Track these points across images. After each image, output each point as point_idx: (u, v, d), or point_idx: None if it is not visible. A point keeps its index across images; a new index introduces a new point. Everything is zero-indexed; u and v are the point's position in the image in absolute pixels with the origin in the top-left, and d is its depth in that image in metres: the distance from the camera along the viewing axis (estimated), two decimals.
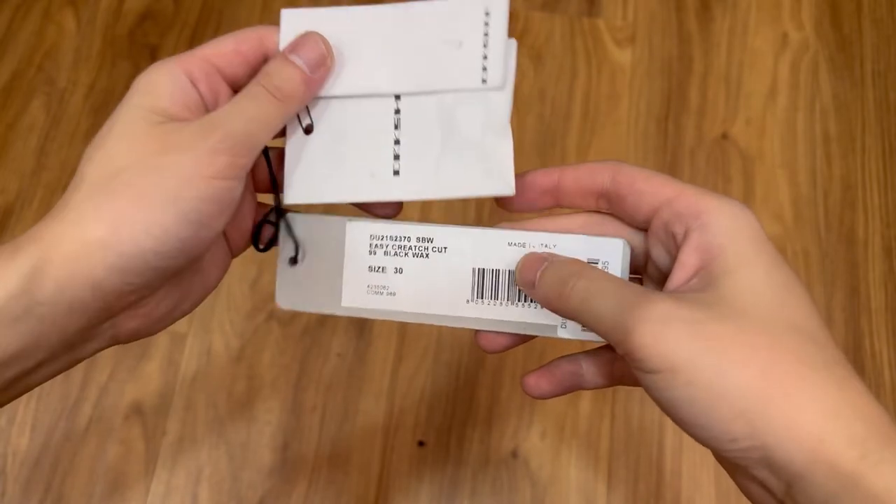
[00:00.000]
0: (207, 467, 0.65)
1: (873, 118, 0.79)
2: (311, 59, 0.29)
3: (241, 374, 0.68)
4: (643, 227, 0.30)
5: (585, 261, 0.30)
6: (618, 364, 0.32)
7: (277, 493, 0.65)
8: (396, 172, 0.31)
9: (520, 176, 0.31)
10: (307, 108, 0.31)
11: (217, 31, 0.81)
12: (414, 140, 0.31)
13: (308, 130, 0.31)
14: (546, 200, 0.31)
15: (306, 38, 0.30)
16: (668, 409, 0.25)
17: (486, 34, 0.30)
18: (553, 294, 0.28)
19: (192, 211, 0.26)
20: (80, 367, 0.68)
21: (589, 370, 0.32)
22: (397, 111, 0.31)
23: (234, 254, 0.33)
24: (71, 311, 0.26)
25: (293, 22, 0.31)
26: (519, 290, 0.31)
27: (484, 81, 0.30)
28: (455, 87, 0.30)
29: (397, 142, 0.31)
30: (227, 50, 0.30)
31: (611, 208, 0.30)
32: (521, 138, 0.76)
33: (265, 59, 0.30)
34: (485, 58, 0.30)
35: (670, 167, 0.76)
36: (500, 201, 0.32)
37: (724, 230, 0.26)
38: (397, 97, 0.31)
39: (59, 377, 0.69)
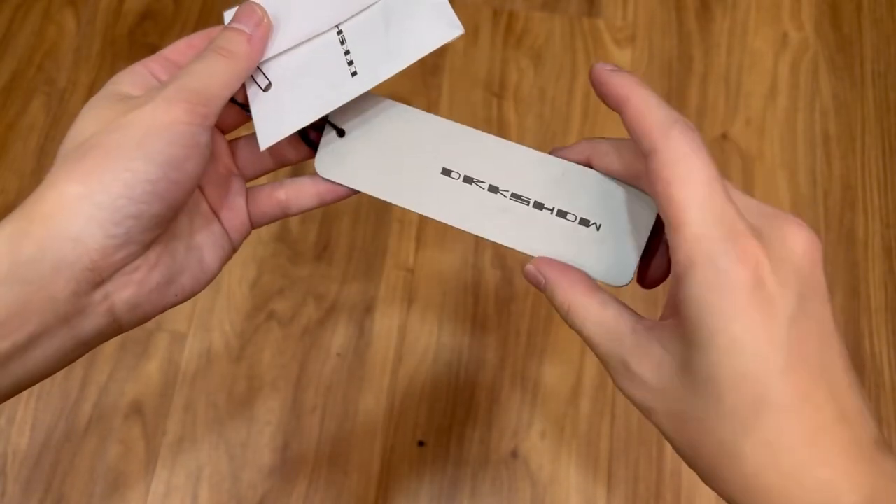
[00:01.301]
0: (207, 467, 0.65)
1: (873, 118, 0.79)
2: (250, 21, 0.32)
3: (241, 374, 0.68)
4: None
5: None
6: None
7: (277, 492, 0.65)
8: (354, 74, 0.32)
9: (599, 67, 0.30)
10: (261, 70, 0.33)
11: None
12: (360, 42, 0.32)
13: (266, 89, 0.33)
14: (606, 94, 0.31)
15: (242, 6, 0.32)
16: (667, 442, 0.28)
17: None
18: (617, 84, 0.29)
19: (158, 153, 0.27)
20: (80, 366, 0.68)
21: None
22: (339, 32, 0.33)
23: (233, 244, 0.34)
24: (55, 271, 0.26)
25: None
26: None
27: None
28: None
29: (347, 52, 0.32)
30: (180, 46, 0.33)
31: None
32: (521, 138, 0.76)
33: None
34: None
35: None
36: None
37: (698, 296, 0.25)
38: (338, 30, 0.33)
39: (59, 376, 0.70)
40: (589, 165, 0.32)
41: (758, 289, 0.24)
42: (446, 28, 0.31)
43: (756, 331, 0.23)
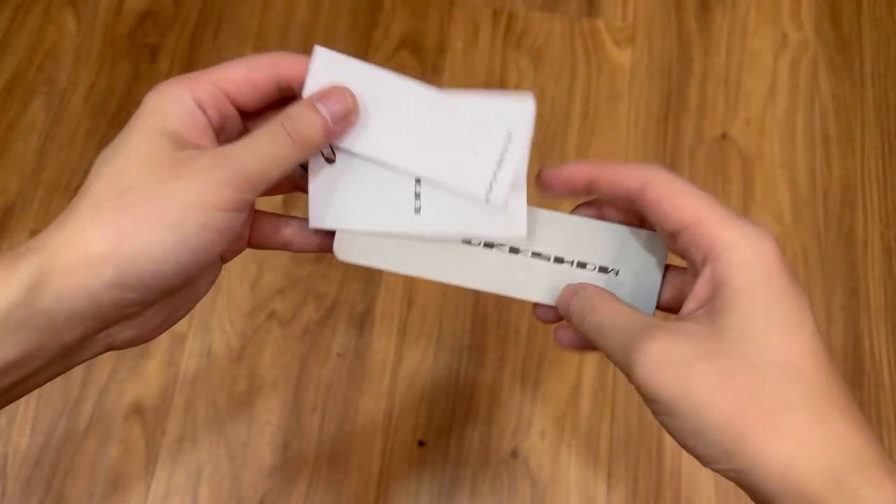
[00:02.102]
0: (208, 467, 0.65)
1: (873, 118, 0.79)
2: (336, 112, 0.30)
3: (241, 374, 0.68)
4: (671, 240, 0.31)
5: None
6: None
7: (278, 492, 0.65)
8: (418, 210, 0.32)
9: (558, 168, 0.33)
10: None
11: (217, 32, 0.82)
12: (434, 192, 0.32)
13: (329, 160, 0.31)
14: (580, 191, 0.33)
15: (336, 90, 0.30)
16: (667, 430, 0.28)
17: (502, 155, 0.32)
18: (576, 326, 0.31)
19: (193, 237, 0.27)
20: (81, 366, 0.68)
21: None
22: (417, 181, 0.32)
23: (225, 261, 0.33)
24: (69, 321, 0.26)
25: (325, 62, 0.31)
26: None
27: (487, 200, 0.32)
28: (464, 190, 0.32)
29: (417, 193, 0.32)
30: (237, 76, 0.30)
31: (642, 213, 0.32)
32: None
33: (277, 88, 0.30)
34: (495, 177, 0.32)
35: (670, 167, 0.76)
36: (538, 180, 0.33)
37: (734, 263, 0.27)
38: (417, 181, 0.32)
39: (59, 377, 0.70)
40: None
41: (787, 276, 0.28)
42: (511, 229, 0.33)
43: (791, 301, 0.27)
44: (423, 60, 0.80)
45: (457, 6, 0.83)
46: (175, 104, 0.28)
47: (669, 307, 0.33)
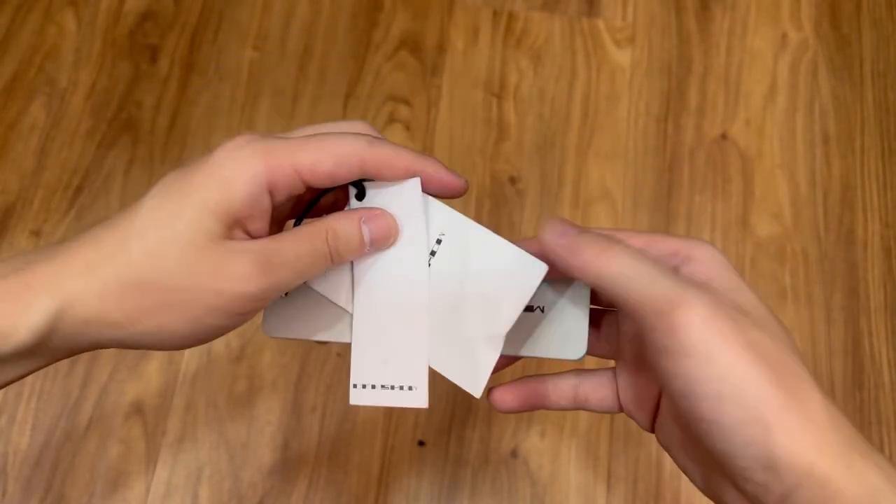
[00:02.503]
0: (208, 467, 0.65)
1: (872, 118, 0.79)
2: (378, 240, 0.30)
3: (241, 374, 0.68)
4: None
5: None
6: (581, 389, 0.33)
7: (278, 492, 0.65)
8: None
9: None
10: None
11: (217, 32, 0.82)
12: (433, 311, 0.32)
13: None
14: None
15: (384, 215, 0.30)
16: (686, 399, 0.25)
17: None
18: (592, 251, 0.27)
19: (207, 332, 0.28)
20: (81, 365, 0.68)
21: (554, 391, 0.34)
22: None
23: None
24: (70, 355, 0.28)
25: (410, 195, 0.31)
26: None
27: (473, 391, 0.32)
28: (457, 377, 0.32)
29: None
30: (322, 172, 0.28)
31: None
32: (521, 138, 0.76)
33: (359, 176, 0.29)
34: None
35: (669, 167, 0.77)
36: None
37: (708, 261, 0.28)
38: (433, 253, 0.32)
39: (59, 375, 0.69)
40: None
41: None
42: (472, 384, 0.32)
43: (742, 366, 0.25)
44: (423, 60, 0.80)
45: (457, 6, 0.83)
46: (247, 185, 0.27)
47: (602, 352, 0.34)
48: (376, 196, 0.31)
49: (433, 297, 0.31)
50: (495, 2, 0.83)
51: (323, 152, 0.28)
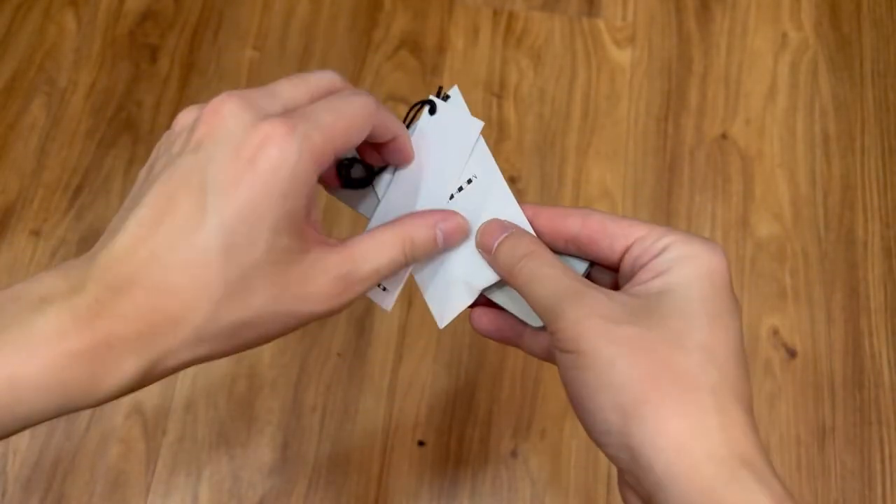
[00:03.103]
0: (208, 467, 0.65)
1: (873, 118, 0.79)
2: (450, 242, 0.32)
3: (241, 374, 0.68)
4: (615, 269, 0.31)
5: None
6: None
7: (277, 492, 0.65)
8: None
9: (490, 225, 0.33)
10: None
11: (217, 32, 0.82)
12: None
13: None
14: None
15: (459, 221, 0.32)
16: (567, 388, 0.28)
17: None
18: (505, 267, 0.31)
19: (286, 333, 0.29)
20: None
21: (530, 337, 0.35)
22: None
23: None
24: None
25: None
26: None
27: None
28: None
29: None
30: (353, 144, 0.29)
31: (580, 252, 0.32)
32: (521, 138, 0.76)
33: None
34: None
35: (669, 167, 0.77)
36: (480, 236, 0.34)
37: (680, 257, 0.28)
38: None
39: None
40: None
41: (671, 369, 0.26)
42: (438, 315, 0.35)
43: (726, 300, 0.28)
44: (423, 60, 0.80)
45: (457, 6, 0.83)
46: (303, 184, 0.26)
47: None
48: (443, 117, 0.34)
49: None
50: (495, 2, 0.83)
51: (351, 129, 0.28)
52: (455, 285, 0.34)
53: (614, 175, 0.76)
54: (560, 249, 0.32)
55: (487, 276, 0.33)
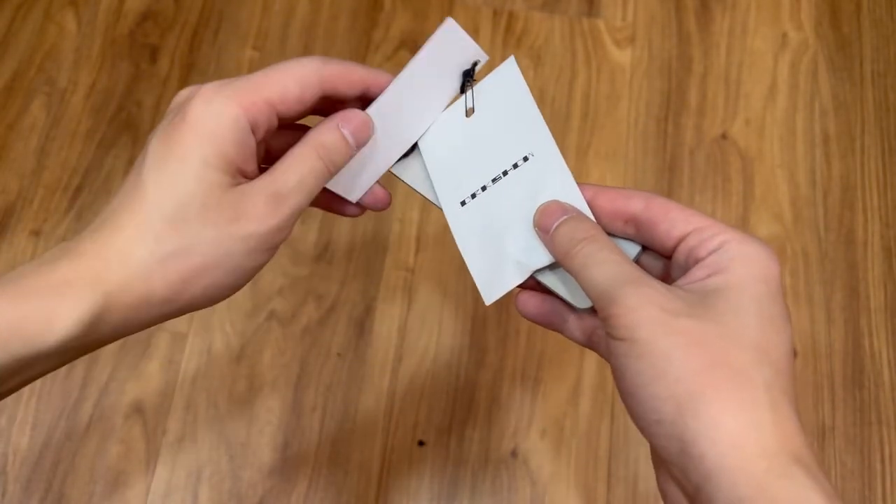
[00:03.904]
0: (208, 467, 0.65)
1: (872, 118, 0.79)
2: (359, 139, 0.32)
3: (241, 374, 0.68)
4: (667, 255, 0.32)
5: None
6: (598, 332, 0.34)
7: (278, 492, 0.65)
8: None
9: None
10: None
11: (217, 32, 0.82)
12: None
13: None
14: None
15: (354, 114, 0.32)
16: (617, 375, 0.28)
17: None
18: (562, 249, 0.31)
19: (249, 272, 0.30)
20: (81, 365, 0.68)
21: (574, 322, 0.34)
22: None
23: None
24: (112, 341, 0.28)
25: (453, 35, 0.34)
26: None
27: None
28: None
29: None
30: (292, 97, 0.30)
31: (637, 234, 0.32)
32: None
33: (321, 97, 0.32)
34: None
35: (670, 167, 0.77)
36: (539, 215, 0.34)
37: (741, 257, 0.28)
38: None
39: (59, 375, 0.70)
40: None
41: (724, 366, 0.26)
42: (487, 291, 0.35)
43: (780, 303, 0.28)
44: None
45: (457, 6, 0.83)
46: (232, 128, 0.29)
47: None
48: (496, 88, 0.35)
49: (495, 198, 0.34)
50: (495, 2, 0.83)
51: (287, 80, 0.30)
52: (507, 263, 0.33)
53: (614, 175, 0.76)
54: (616, 231, 0.32)
55: (542, 258, 0.33)
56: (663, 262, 0.32)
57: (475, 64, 0.34)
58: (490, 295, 0.34)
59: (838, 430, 0.67)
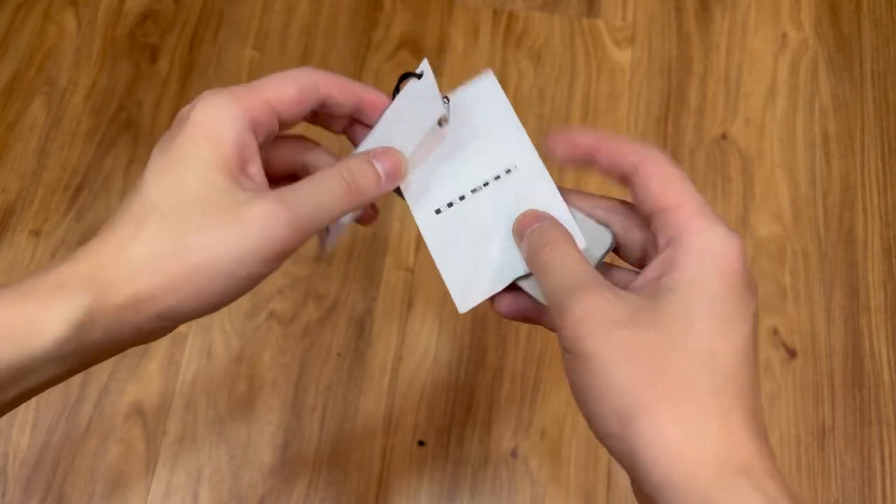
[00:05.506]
0: (208, 467, 0.65)
1: (872, 118, 0.79)
2: (391, 176, 0.32)
3: (241, 374, 0.68)
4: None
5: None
6: None
7: (278, 492, 0.65)
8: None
9: (563, 132, 0.33)
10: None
11: (217, 32, 0.82)
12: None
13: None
14: (581, 158, 0.32)
15: (390, 151, 0.32)
16: (571, 388, 0.27)
17: None
18: (529, 254, 0.31)
19: (244, 281, 0.28)
20: None
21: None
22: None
23: None
24: (111, 348, 0.28)
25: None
26: None
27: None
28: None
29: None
30: (290, 98, 0.30)
31: (630, 191, 0.31)
32: None
33: (318, 103, 0.31)
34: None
35: None
36: (550, 141, 0.33)
37: (694, 251, 0.27)
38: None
39: None
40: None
41: (742, 274, 0.27)
42: (459, 299, 0.34)
43: (736, 302, 0.26)
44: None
45: (457, 6, 0.83)
46: (232, 128, 0.28)
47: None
48: (472, 99, 0.34)
49: (474, 208, 0.34)
50: (495, 2, 0.83)
51: (285, 83, 0.30)
52: (484, 272, 0.33)
53: None
54: (615, 180, 0.32)
55: (520, 267, 0.33)
56: (641, 247, 0.32)
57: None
58: (464, 303, 0.34)
59: (838, 430, 0.67)
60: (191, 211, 0.27)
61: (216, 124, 0.28)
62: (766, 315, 0.71)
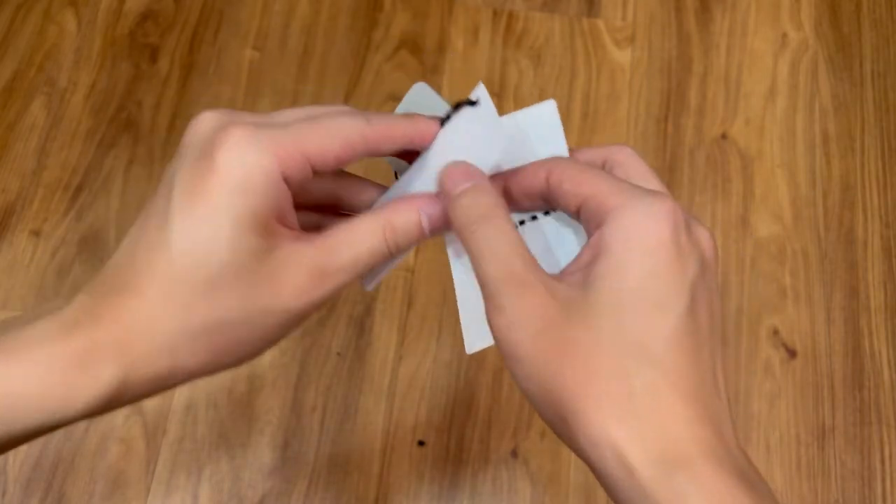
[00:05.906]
0: (208, 467, 0.65)
1: (872, 118, 0.79)
2: (436, 227, 0.29)
3: (241, 374, 0.68)
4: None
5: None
6: None
7: (278, 492, 0.65)
8: None
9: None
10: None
11: (217, 32, 0.82)
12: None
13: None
14: (516, 209, 0.31)
15: (442, 210, 0.29)
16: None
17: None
18: (457, 224, 0.28)
19: (277, 340, 0.28)
20: None
21: None
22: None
23: None
24: (139, 400, 0.28)
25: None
26: None
27: None
28: None
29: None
30: (332, 156, 0.27)
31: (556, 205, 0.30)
32: None
33: (359, 157, 0.29)
34: None
35: (669, 167, 0.77)
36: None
37: (617, 232, 0.26)
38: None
39: None
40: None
41: (674, 242, 0.25)
42: (473, 337, 0.33)
43: (667, 277, 0.25)
44: (423, 60, 0.80)
45: (457, 6, 0.83)
46: (264, 182, 0.25)
47: None
48: (514, 130, 0.31)
49: None
50: (495, 2, 0.83)
51: (328, 137, 0.27)
52: None
53: None
54: (538, 208, 0.30)
55: None
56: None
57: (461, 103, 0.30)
58: (472, 346, 0.32)
59: (838, 430, 0.67)
60: (225, 282, 0.25)
61: (250, 179, 0.25)
62: (766, 315, 0.71)
